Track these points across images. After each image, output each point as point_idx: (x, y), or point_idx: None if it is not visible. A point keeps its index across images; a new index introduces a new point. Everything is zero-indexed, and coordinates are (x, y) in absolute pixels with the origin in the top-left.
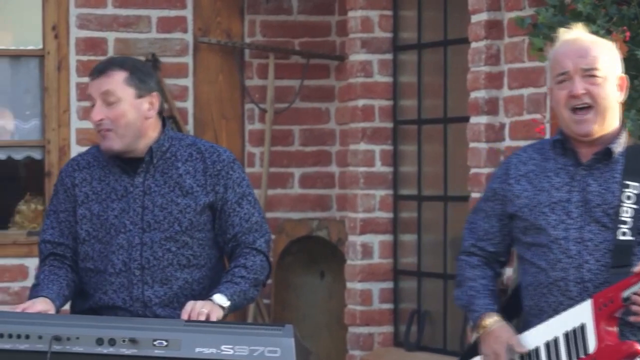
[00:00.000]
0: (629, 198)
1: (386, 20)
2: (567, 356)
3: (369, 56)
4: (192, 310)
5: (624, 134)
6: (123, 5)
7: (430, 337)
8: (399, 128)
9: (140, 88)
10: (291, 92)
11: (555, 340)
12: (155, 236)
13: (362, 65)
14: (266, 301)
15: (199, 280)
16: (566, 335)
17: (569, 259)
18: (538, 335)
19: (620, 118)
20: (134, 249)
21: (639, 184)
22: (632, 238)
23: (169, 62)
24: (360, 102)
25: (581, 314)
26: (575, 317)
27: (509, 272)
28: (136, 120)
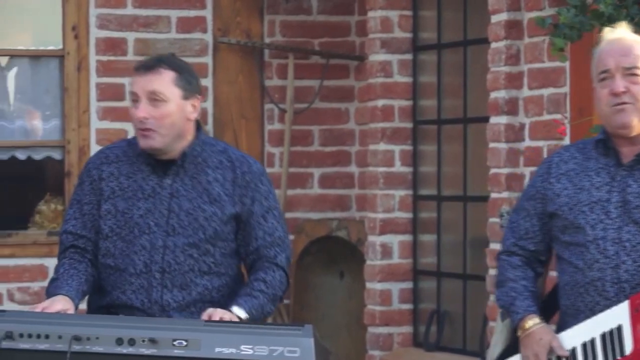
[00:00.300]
0: None
1: (406, 21)
2: (603, 357)
3: (388, 56)
4: (213, 315)
5: None
6: (143, 5)
7: (450, 337)
8: (419, 128)
9: (186, 89)
10: (311, 92)
11: (592, 341)
12: (179, 241)
13: (381, 65)
14: (286, 301)
15: (218, 288)
16: (603, 336)
17: (606, 259)
18: (575, 336)
19: None
20: (156, 251)
21: None
22: None
23: (189, 62)
24: (380, 102)
25: (618, 315)
26: (612, 318)
27: None
28: (179, 122)
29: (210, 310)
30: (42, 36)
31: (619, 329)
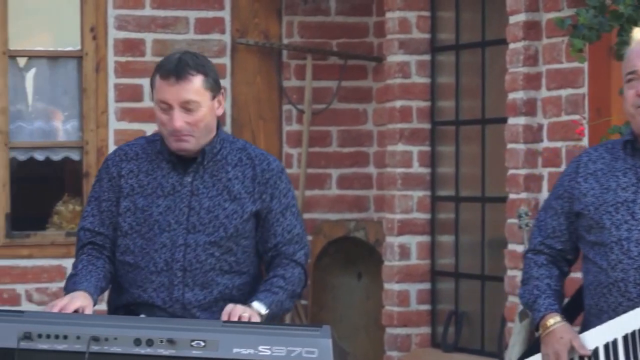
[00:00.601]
0: None
1: (424, 21)
2: (625, 358)
3: (406, 57)
4: (233, 312)
5: None
6: (161, 6)
7: (468, 338)
8: (437, 129)
9: (214, 89)
10: (329, 93)
11: (614, 342)
12: (200, 239)
13: (399, 66)
14: (304, 302)
15: (240, 287)
16: (625, 337)
17: (630, 260)
18: (597, 336)
19: None
20: (177, 249)
21: None
22: None
23: None
24: (398, 103)
25: None
26: (635, 319)
27: None
28: (211, 122)
29: (230, 307)
30: (60, 37)
31: None
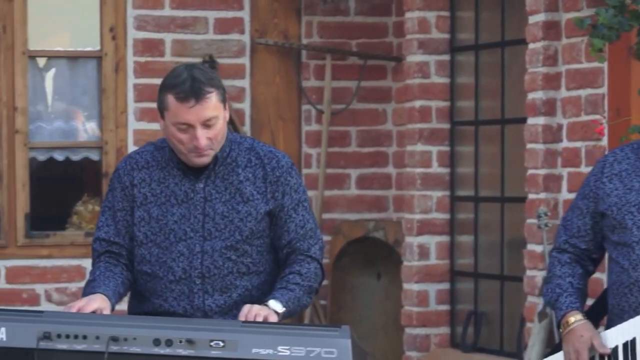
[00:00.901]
0: None
1: (443, 21)
2: None
3: (426, 57)
4: (249, 313)
5: None
6: (180, 6)
7: (487, 338)
8: (456, 129)
9: (224, 99)
10: (348, 93)
11: (633, 341)
12: (216, 245)
13: (419, 66)
14: (322, 302)
15: (258, 287)
16: None
17: None
18: (617, 335)
19: None
20: (194, 257)
21: None
22: None
23: (226, 64)
24: (418, 103)
25: None
26: None
27: None
28: (225, 130)
29: (247, 308)
30: (80, 37)
31: None
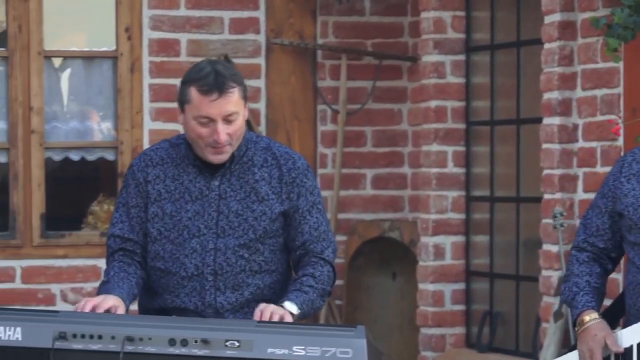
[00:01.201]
0: None
1: (459, 21)
2: None
3: (441, 57)
4: (265, 311)
5: None
6: (196, 6)
7: (502, 338)
8: (472, 129)
9: (245, 97)
10: (363, 93)
11: None
12: (230, 242)
13: (434, 66)
14: (338, 302)
15: (270, 286)
16: None
17: None
18: (632, 335)
19: None
20: (207, 254)
21: None
22: None
23: (242, 63)
24: (433, 103)
25: None
26: None
27: None
28: (244, 128)
29: (263, 306)
30: (95, 37)
31: None
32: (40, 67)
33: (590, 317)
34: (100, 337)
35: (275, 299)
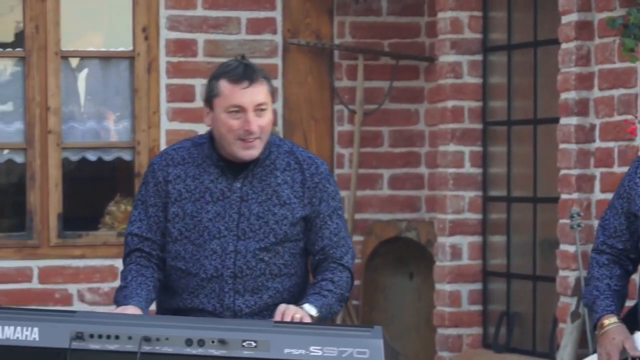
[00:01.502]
0: None
1: (476, 21)
2: None
3: (458, 57)
4: (286, 312)
5: None
6: (213, 6)
7: (519, 338)
8: (489, 129)
9: (272, 94)
10: (380, 93)
11: None
12: (250, 245)
13: (451, 66)
14: (355, 302)
15: (289, 289)
16: None
17: None
18: None
19: None
20: (227, 256)
21: None
22: None
23: (259, 64)
24: (450, 103)
25: None
26: None
27: None
28: (271, 126)
29: (283, 307)
30: (112, 37)
31: None
32: (57, 68)
33: (610, 321)
34: (117, 337)
35: (293, 302)
